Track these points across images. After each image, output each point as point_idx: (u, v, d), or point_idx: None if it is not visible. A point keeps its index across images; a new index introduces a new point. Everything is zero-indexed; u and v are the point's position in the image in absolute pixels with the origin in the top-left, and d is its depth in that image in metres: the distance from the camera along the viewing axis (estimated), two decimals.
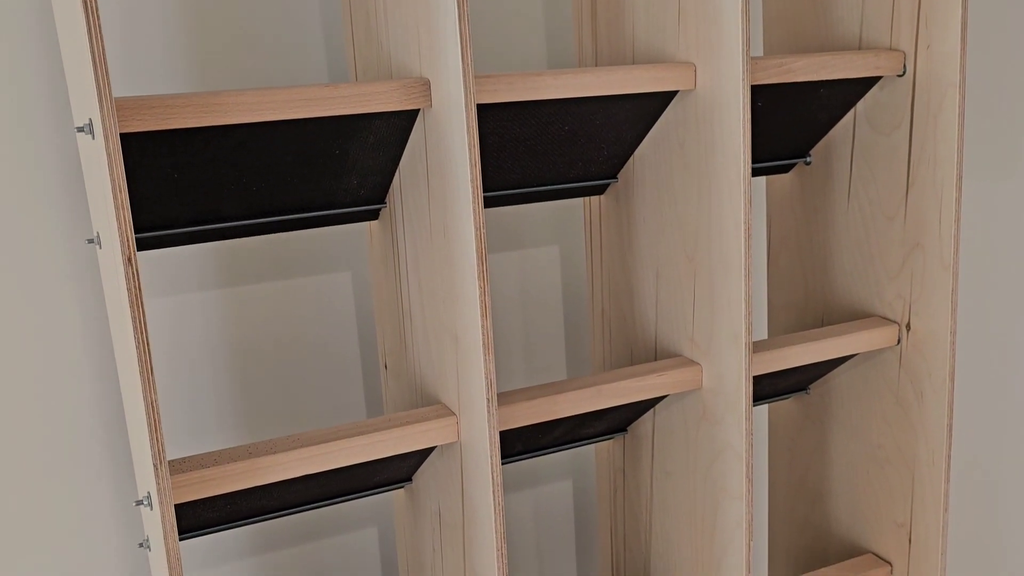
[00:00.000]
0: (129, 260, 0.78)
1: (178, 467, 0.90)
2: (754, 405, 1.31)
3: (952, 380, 1.22)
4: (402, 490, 1.22)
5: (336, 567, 1.35)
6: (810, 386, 1.40)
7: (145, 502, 0.89)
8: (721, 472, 1.14)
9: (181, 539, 1.03)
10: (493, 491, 0.98)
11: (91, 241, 0.92)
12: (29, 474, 1.14)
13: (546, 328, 1.43)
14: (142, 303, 0.80)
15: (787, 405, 1.45)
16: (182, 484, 0.90)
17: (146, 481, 0.87)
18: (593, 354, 1.35)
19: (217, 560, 1.27)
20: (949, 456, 1.24)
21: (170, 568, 0.86)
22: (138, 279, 0.79)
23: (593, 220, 1.30)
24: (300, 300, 1.27)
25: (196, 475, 0.90)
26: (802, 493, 1.46)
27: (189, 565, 1.26)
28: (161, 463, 0.83)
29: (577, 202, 1.38)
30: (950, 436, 1.24)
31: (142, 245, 1.01)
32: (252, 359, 1.25)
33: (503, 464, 1.22)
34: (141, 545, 0.96)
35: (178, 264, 1.19)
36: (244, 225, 1.05)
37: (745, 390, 1.08)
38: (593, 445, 1.43)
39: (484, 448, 0.98)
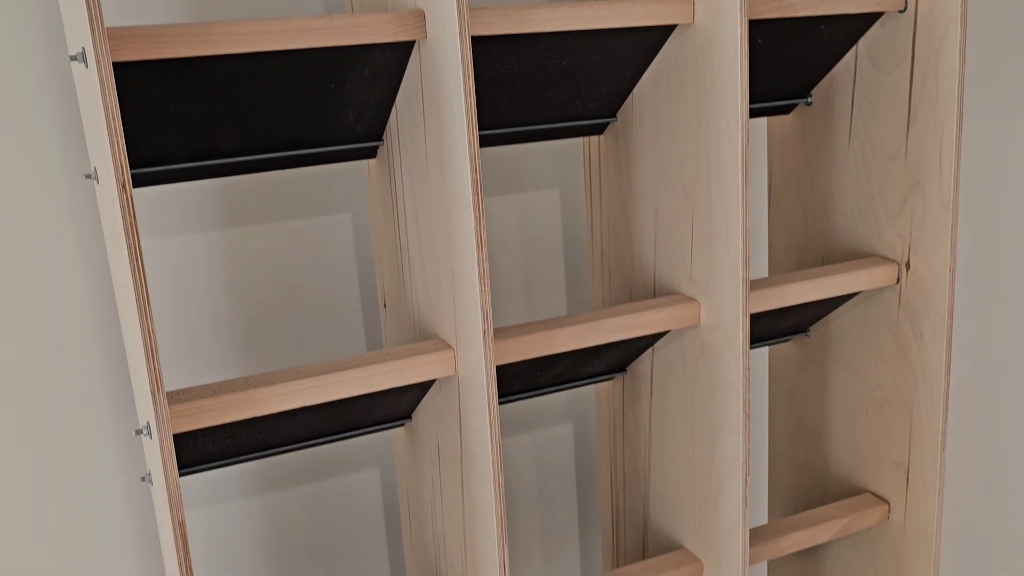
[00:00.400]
0: (124, 186, 0.78)
1: (176, 398, 0.91)
2: (754, 347, 1.31)
3: (951, 319, 1.22)
4: (402, 428, 1.23)
5: (338, 506, 1.37)
6: (810, 328, 1.40)
7: (145, 431, 0.90)
8: (719, 407, 1.14)
9: (182, 474, 1.04)
10: (490, 423, 0.98)
11: (88, 176, 0.92)
12: (32, 411, 1.16)
13: (546, 270, 1.44)
14: (137, 230, 0.80)
15: (787, 347, 1.45)
16: (180, 414, 0.90)
17: (145, 411, 0.88)
18: (592, 295, 1.36)
19: (219, 498, 1.29)
20: (947, 395, 1.25)
21: (170, 497, 0.88)
22: (132, 205, 0.79)
23: (592, 161, 1.29)
24: (300, 241, 1.27)
25: (194, 405, 0.91)
26: (801, 434, 1.46)
27: (191, 503, 1.27)
28: (159, 390, 0.84)
29: (577, 144, 1.37)
30: (948, 375, 1.24)
31: (139, 181, 1.01)
32: (252, 300, 1.26)
33: (502, 403, 1.23)
34: (143, 479, 0.97)
35: (177, 205, 1.19)
36: (241, 162, 1.05)
37: (742, 325, 1.09)
38: (593, 388, 1.44)
39: (481, 381, 0.98)
